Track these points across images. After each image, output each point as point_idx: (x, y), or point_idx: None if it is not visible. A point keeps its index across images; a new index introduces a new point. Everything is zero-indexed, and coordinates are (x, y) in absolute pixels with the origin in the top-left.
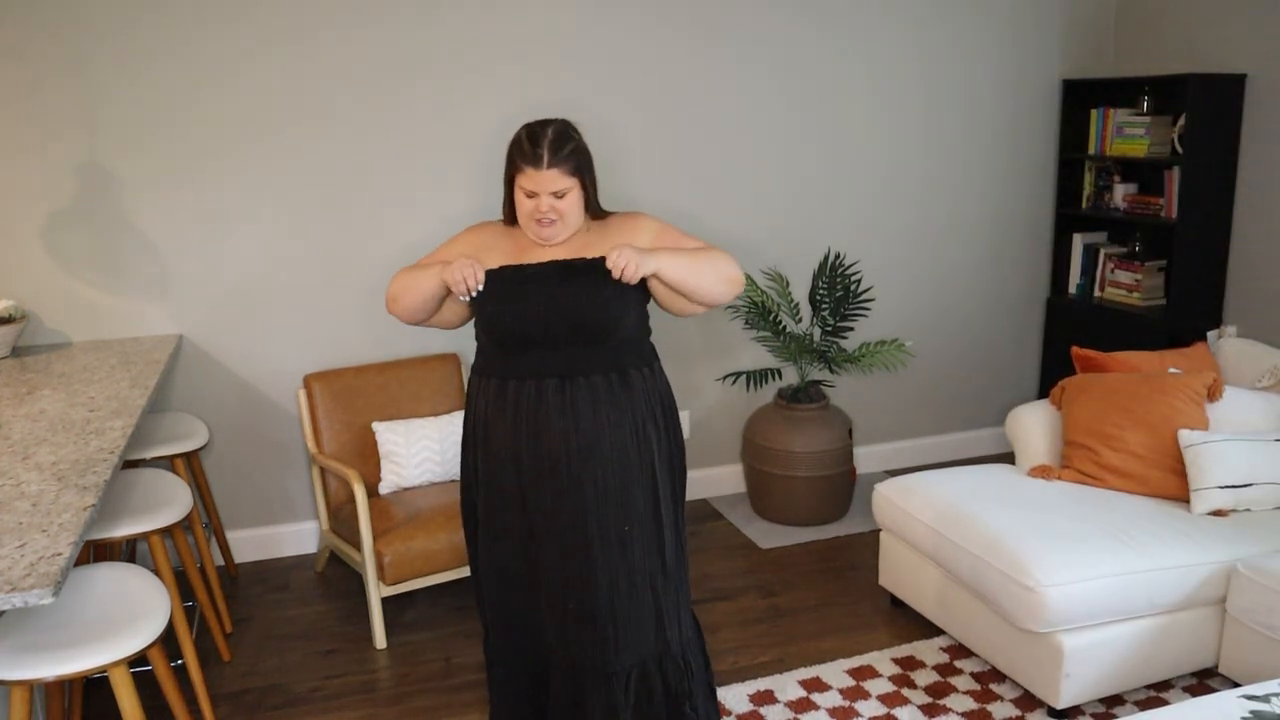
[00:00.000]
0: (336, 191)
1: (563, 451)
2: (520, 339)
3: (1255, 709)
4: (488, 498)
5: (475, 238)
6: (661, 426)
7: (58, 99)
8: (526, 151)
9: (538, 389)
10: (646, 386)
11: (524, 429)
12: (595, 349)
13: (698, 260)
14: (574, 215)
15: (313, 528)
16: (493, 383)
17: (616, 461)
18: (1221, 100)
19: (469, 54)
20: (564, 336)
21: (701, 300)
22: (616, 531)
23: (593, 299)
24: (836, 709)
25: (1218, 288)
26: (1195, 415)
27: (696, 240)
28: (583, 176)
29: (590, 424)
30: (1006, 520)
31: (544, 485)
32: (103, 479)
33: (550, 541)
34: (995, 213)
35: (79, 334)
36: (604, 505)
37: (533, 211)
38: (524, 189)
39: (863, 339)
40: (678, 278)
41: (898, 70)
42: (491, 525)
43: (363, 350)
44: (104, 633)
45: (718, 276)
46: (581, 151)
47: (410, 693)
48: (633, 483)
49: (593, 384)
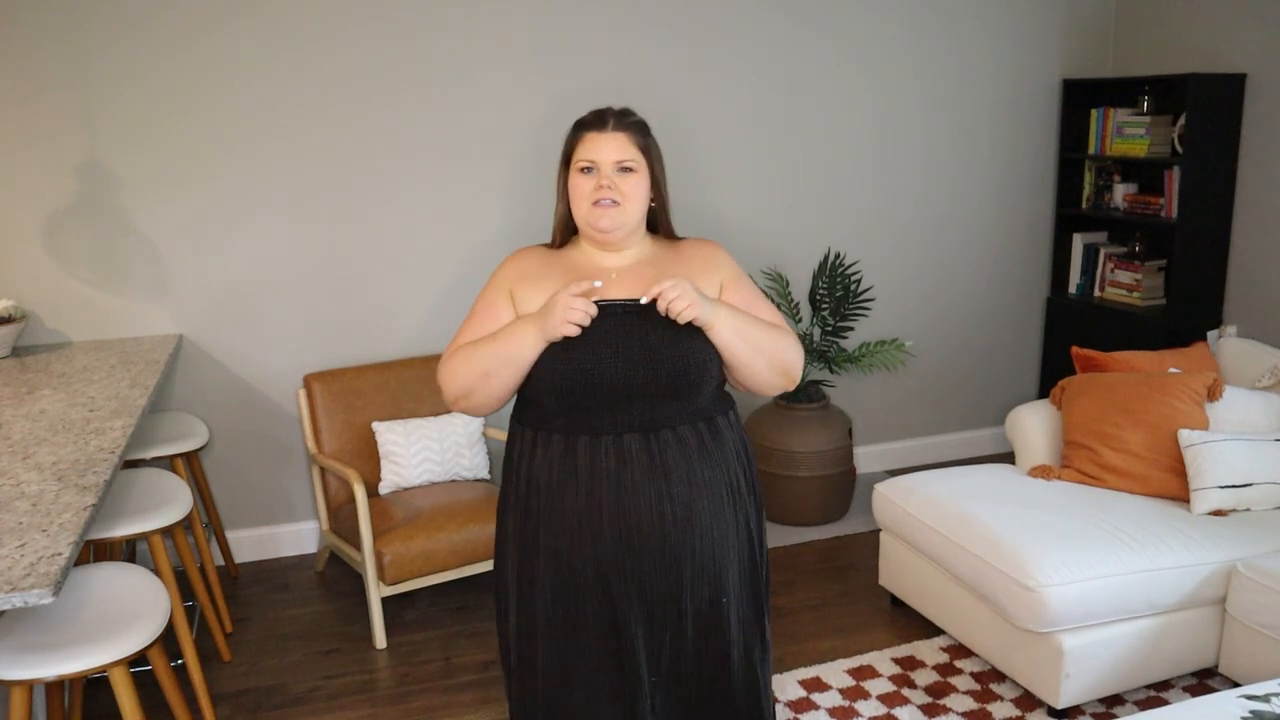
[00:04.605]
0: (337, 191)
1: (657, 523)
2: (596, 389)
3: (1255, 709)
4: (553, 580)
5: (519, 267)
6: (751, 480)
7: (58, 100)
8: (588, 119)
9: (618, 447)
10: (734, 435)
11: (604, 496)
12: (685, 400)
13: (764, 336)
14: (637, 204)
15: (313, 528)
16: (555, 439)
17: (715, 530)
18: (1221, 100)
19: (469, 55)
20: (655, 388)
21: (741, 380)
22: (711, 604)
23: (693, 344)
24: (836, 709)
25: (1218, 288)
26: (1195, 415)
27: (770, 308)
28: (652, 159)
29: (685, 487)
30: (1006, 520)
31: (631, 565)
32: (103, 479)
33: (637, 629)
34: (995, 212)
35: (79, 334)
36: (700, 581)
37: (591, 191)
38: (582, 163)
39: (863, 339)
40: (732, 346)
41: (898, 71)
42: (561, 614)
43: (363, 350)
44: (104, 633)
45: (774, 365)
46: (650, 133)
47: (410, 693)
48: (729, 550)
49: (682, 438)
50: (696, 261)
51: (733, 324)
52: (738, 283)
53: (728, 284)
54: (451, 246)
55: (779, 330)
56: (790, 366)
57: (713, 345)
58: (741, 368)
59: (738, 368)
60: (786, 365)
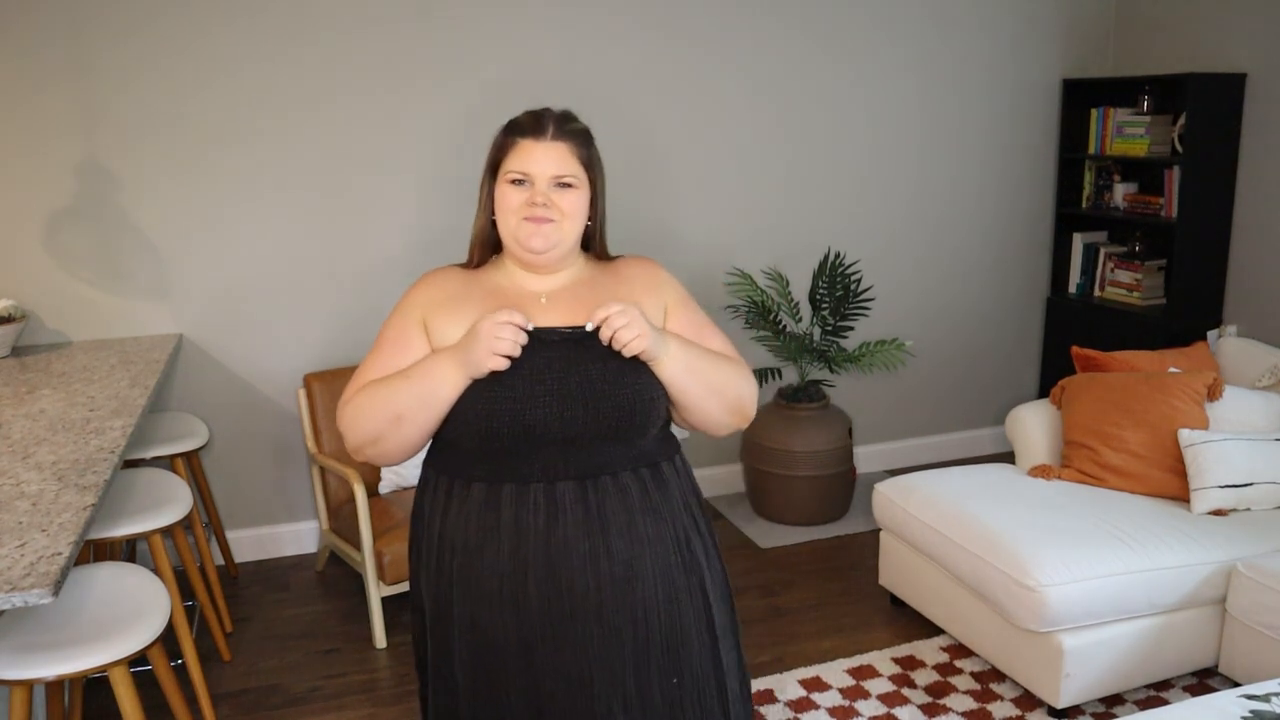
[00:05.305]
0: (337, 191)
1: (592, 586)
2: (527, 433)
3: (1255, 709)
4: (471, 657)
5: (431, 292)
6: (705, 532)
7: (58, 99)
8: (523, 123)
9: (549, 497)
10: (680, 481)
11: (530, 556)
12: (627, 443)
13: (716, 372)
14: (576, 222)
15: (313, 527)
16: (475, 489)
17: (661, 591)
18: (1221, 100)
19: (470, 54)
20: (595, 430)
21: (689, 420)
22: (662, 689)
23: (639, 380)
24: (836, 708)
25: (1218, 287)
26: (1195, 415)
27: (719, 335)
28: (594, 174)
29: (625, 542)
30: (1006, 520)
31: (562, 635)
32: (103, 479)
33: (567, 712)
34: (995, 212)
35: (79, 334)
36: (647, 655)
37: (522, 205)
38: (512, 175)
39: (863, 338)
40: (681, 384)
41: (898, 70)
42: (485, 697)
43: (363, 350)
44: (104, 633)
45: (727, 404)
46: (593, 142)
47: (410, 693)
48: (681, 618)
49: (622, 485)
50: (637, 283)
51: (683, 359)
52: (683, 307)
53: (673, 308)
54: (452, 246)
55: (731, 363)
56: (745, 404)
57: (659, 381)
58: (691, 407)
59: (687, 407)
60: (741, 403)
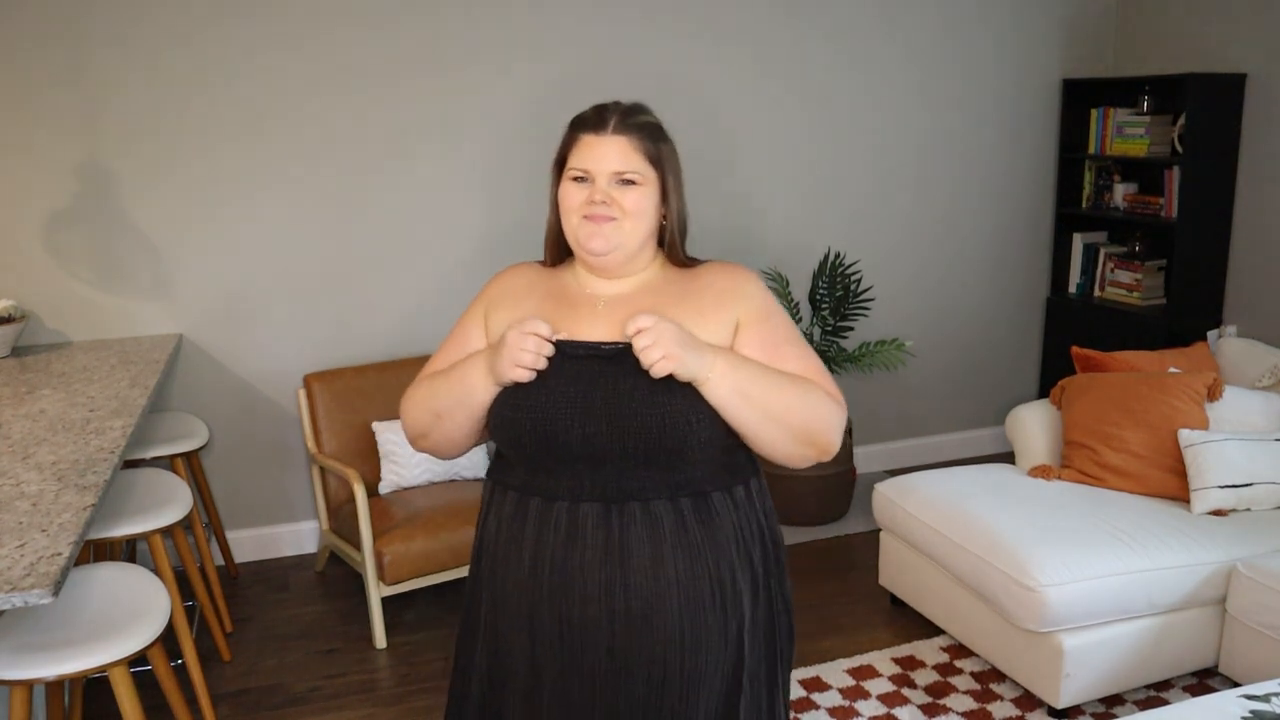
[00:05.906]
0: (337, 191)
1: (604, 620)
2: (549, 446)
3: (1255, 709)
4: (486, 656)
5: (504, 285)
6: (760, 574)
7: (58, 99)
8: (587, 117)
9: (571, 517)
10: (739, 515)
11: (545, 577)
12: (665, 469)
13: (779, 396)
14: (640, 222)
15: (313, 528)
16: (510, 496)
17: (687, 636)
18: (1221, 100)
19: (469, 53)
20: (621, 450)
21: (754, 448)
22: None
23: (673, 401)
24: (836, 709)
25: (1218, 288)
26: (1195, 415)
27: (803, 355)
28: (664, 171)
29: (647, 579)
30: (1006, 520)
31: (569, 666)
32: (103, 479)
33: None
34: (995, 212)
35: (79, 334)
36: (660, 699)
37: (583, 204)
38: (574, 172)
39: (862, 339)
40: (731, 407)
41: (898, 70)
42: (487, 698)
43: (363, 350)
44: (104, 633)
45: (794, 432)
46: (664, 136)
47: (410, 693)
48: (706, 667)
49: (654, 515)
50: (709, 294)
51: (732, 381)
52: (762, 323)
53: (747, 323)
54: (452, 245)
55: (804, 387)
56: (818, 435)
57: (704, 403)
58: (749, 435)
59: (745, 434)
60: (812, 433)
